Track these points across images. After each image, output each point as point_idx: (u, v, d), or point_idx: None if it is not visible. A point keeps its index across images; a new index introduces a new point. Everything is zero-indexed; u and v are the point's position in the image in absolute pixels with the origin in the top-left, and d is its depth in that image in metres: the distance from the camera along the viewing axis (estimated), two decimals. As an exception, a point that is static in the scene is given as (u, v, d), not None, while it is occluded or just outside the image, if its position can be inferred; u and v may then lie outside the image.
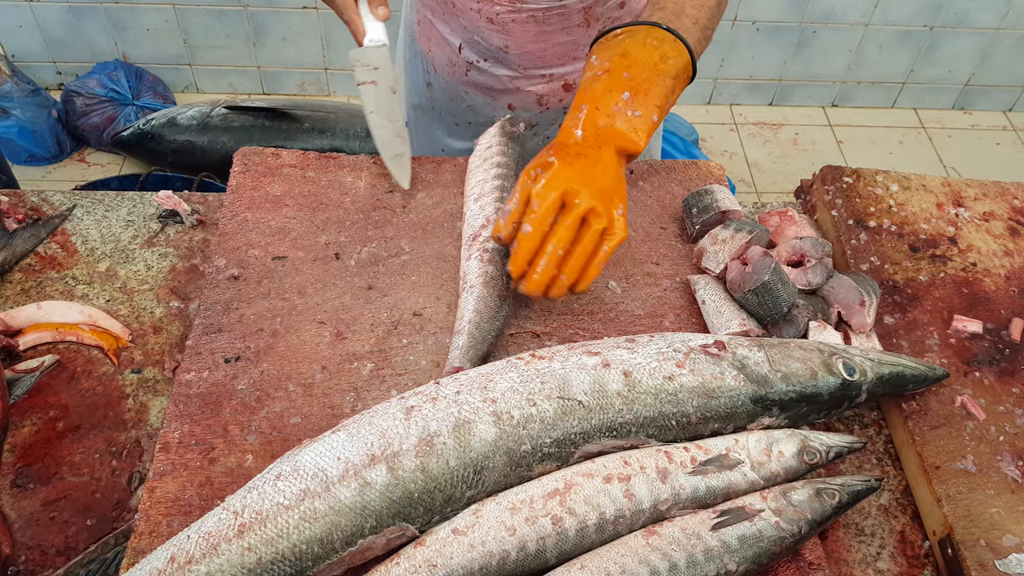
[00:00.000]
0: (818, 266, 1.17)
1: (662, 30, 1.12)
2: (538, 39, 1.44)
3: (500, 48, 1.46)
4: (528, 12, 1.40)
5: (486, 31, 1.45)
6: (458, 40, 1.49)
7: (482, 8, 1.41)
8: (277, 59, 3.34)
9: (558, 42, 1.44)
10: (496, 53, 1.48)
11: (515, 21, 1.42)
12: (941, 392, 1.11)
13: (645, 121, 1.08)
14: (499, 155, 1.25)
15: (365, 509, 0.85)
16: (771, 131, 3.52)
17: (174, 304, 1.23)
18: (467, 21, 1.45)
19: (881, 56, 3.46)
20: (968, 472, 1.03)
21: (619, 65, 1.10)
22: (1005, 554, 0.96)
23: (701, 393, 0.96)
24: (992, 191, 1.40)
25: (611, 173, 1.06)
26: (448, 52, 1.53)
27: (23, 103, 3.01)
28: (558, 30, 1.42)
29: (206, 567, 0.82)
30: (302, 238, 1.23)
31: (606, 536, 0.88)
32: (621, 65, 1.10)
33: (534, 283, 1.03)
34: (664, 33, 1.12)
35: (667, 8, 1.16)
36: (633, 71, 1.09)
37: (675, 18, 1.15)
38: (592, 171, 1.05)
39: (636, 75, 1.09)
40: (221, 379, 1.06)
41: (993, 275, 1.27)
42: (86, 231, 1.31)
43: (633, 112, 1.07)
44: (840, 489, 0.93)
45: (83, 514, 1.01)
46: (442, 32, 1.51)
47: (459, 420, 0.90)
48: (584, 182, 1.03)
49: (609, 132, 1.07)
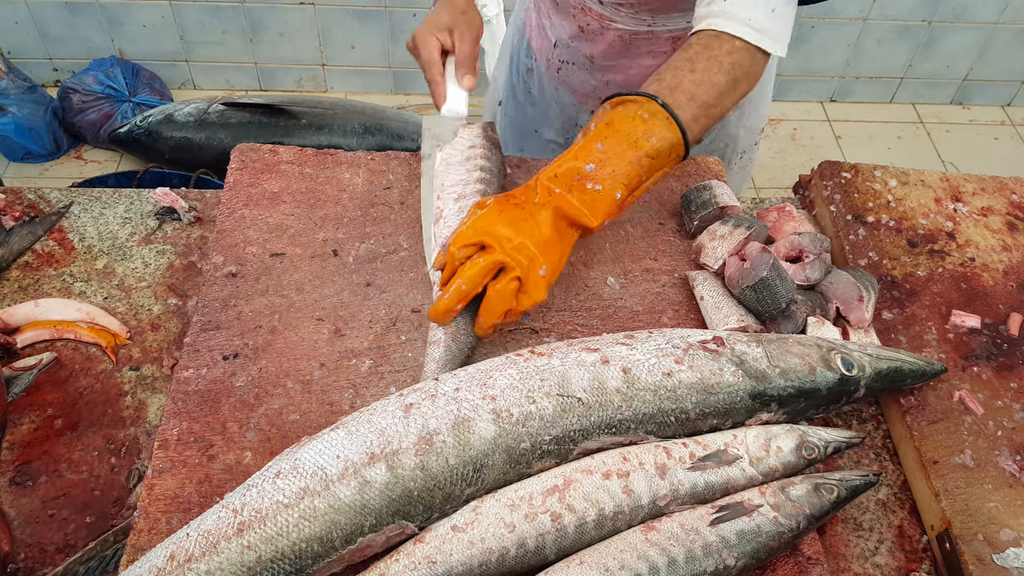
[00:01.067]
0: (816, 262, 1.17)
1: (656, 104, 1.07)
2: (623, 57, 1.44)
3: (587, 57, 1.48)
4: (615, 31, 1.41)
5: (578, 38, 1.47)
6: (554, 37, 1.51)
7: (577, 15, 1.42)
8: (274, 55, 3.33)
9: (644, 65, 1.44)
10: (583, 61, 1.49)
11: (603, 36, 1.43)
12: (939, 387, 1.11)
13: (603, 197, 1.05)
14: (483, 159, 1.22)
15: (365, 507, 0.85)
16: (769, 126, 3.52)
17: (172, 301, 1.23)
18: (565, 22, 1.47)
19: (879, 51, 3.45)
20: (966, 467, 1.04)
21: (598, 135, 1.07)
22: (1003, 548, 0.96)
23: (700, 389, 0.96)
24: (990, 186, 1.40)
25: (542, 232, 1.03)
26: (546, 46, 1.54)
27: (19, 100, 3.00)
28: (644, 53, 1.43)
29: (206, 565, 0.82)
30: (300, 235, 1.23)
31: (605, 532, 0.88)
32: (600, 135, 1.07)
33: (433, 310, 1.04)
34: (657, 108, 1.07)
35: (664, 80, 1.10)
36: (608, 143, 1.06)
37: (669, 92, 1.09)
38: (522, 225, 1.03)
39: (609, 148, 1.06)
40: (219, 376, 1.06)
41: (991, 270, 1.27)
42: (83, 228, 1.31)
43: (593, 186, 1.05)
44: (838, 484, 0.93)
45: (82, 511, 1.01)
46: (544, 25, 1.53)
47: (458, 418, 0.90)
48: (507, 232, 1.02)
49: (559, 199, 1.05)
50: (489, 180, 1.21)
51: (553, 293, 1.19)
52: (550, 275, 1.05)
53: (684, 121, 1.07)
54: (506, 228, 1.03)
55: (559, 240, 1.06)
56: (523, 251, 1.02)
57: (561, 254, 1.07)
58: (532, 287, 1.03)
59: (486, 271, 1.02)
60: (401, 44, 3.16)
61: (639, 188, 1.09)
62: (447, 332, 1.06)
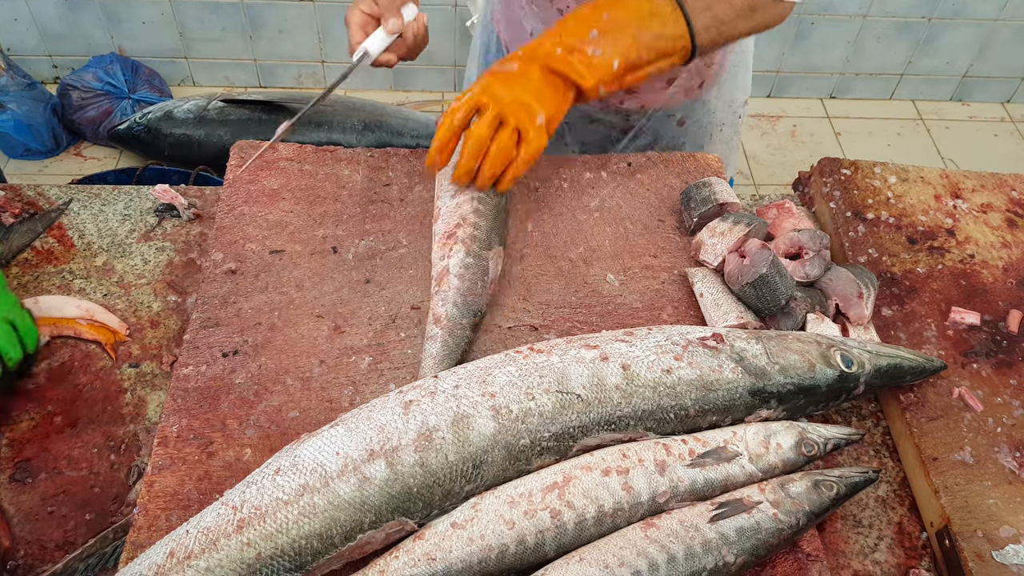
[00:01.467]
0: (816, 258, 1.17)
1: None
2: None
3: None
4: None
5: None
6: (530, 27, 1.50)
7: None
8: (274, 52, 3.33)
9: None
10: None
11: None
12: (939, 384, 1.11)
13: (603, 62, 1.08)
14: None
15: (364, 504, 0.85)
16: (769, 123, 3.52)
17: (171, 298, 1.23)
18: (541, 10, 1.46)
19: (879, 47, 3.45)
20: (965, 463, 1.04)
21: (605, 4, 1.10)
22: (1002, 545, 0.96)
23: (699, 386, 0.96)
24: (990, 183, 1.40)
25: (535, 85, 1.09)
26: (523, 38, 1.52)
27: (19, 97, 2.99)
28: None
29: (205, 562, 0.82)
30: (299, 232, 1.23)
31: (605, 529, 0.88)
32: (608, 4, 1.10)
33: (456, 171, 1.12)
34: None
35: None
36: (614, 14, 1.10)
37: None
38: (515, 81, 1.09)
39: (615, 18, 1.09)
40: (219, 373, 1.06)
41: (991, 267, 1.27)
42: (83, 225, 1.31)
43: (593, 50, 1.08)
44: (838, 481, 0.93)
45: (82, 508, 1.01)
46: (517, 17, 1.52)
47: (458, 414, 0.90)
48: (502, 91, 1.08)
49: (548, 57, 1.09)
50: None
51: (552, 290, 1.19)
52: (548, 123, 1.09)
53: (697, 24, 1.12)
54: (500, 87, 1.09)
55: (554, 92, 1.10)
56: (518, 102, 1.08)
57: (558, 106, 1.11)
58: (533, 136, 1.09)
59: (488, 125, 1.08)
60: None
61: (639, 68, 1.12)
62: (444, 327, 1.07)
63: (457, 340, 1.06)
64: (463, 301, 1.08)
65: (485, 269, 1.12)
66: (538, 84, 1.09)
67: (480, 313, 1.11)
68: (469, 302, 1.08)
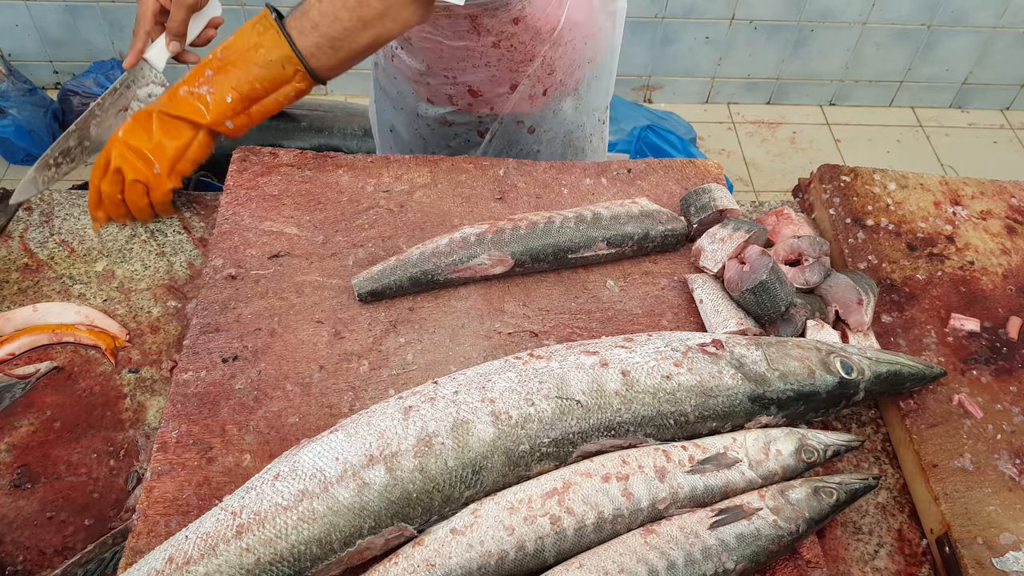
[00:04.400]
0: (816, 265, 1.17)
1: (271, 19, 1.18)
2: (433, 37, 1.44)
3: (406, 40, 1.49)
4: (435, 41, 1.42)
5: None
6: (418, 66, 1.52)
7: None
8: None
9: (451, 46, 1.44)
10: (405, 44, 1.50)
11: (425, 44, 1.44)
12: (939, 390, 1.11)
13: (217, 99, 1.19)
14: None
15: (363, 510, 0.85)
16: (769, 130, 3.53)
17: (171, 304, 1.23)
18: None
19: (879, 55, 3.46)
20: (965, 470, 1.04)
21: (223, 44, 1.21)
22: (1002, 552, 0.96)
23: (699, 392, 0.96)
24: (990, 189, 1.40)
25: (152, 135, 1.20)
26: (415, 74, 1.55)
27: (20, 102, 3.00)
28: (450, 34, 1.42)
29: (204, 568, 0.82)
30: (299, 237, 1.23)
31: (604, 535, 0.88)
32: (223, 44, 1.21)
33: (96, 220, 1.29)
34: (271, 23, 1.18)
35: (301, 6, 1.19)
36: (226, 52, 1.20)
37: (298, 16, 1.18)
38: (140, 135, 1.20)
39: (226, 56, 1.20)
40: (219, 379, 1.06)
41: (991, 273, 1.27)
42: (83, 231, 1.31)
43: (208, 89, 1.19)
44: (838, 487, 0.93)
45: (81, 514, 1.01)
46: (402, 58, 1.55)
47: (457, 420, 0.90)
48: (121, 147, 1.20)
49: (178, 102, 1.20)
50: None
51: (552, 296, 1.19)
52: (173, 166, 1.21)
53: (304, 46, 1.18)
54: (120, 143, 1.20)
55: (177, 135, 1.21)
56: (135, 156, 1.20)
57: (183, 148, 1.22)
58: (155, 184, 1.22)
59: (110, 183, 1.22)
60: (401, 47, 3.16)
61: (259, 98, 1.21)
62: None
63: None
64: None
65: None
66: (157, 132, 1.20)
67: None
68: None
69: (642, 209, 1.24)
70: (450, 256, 1.15)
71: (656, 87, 3.54)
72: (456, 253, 1.15)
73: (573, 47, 1.46)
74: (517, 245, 1.16)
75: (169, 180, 1.22)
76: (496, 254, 1.15)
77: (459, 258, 1.15)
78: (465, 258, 1.15)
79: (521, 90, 1.48)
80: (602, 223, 1.20)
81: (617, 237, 1.20)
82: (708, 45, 3.38)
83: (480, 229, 1.17)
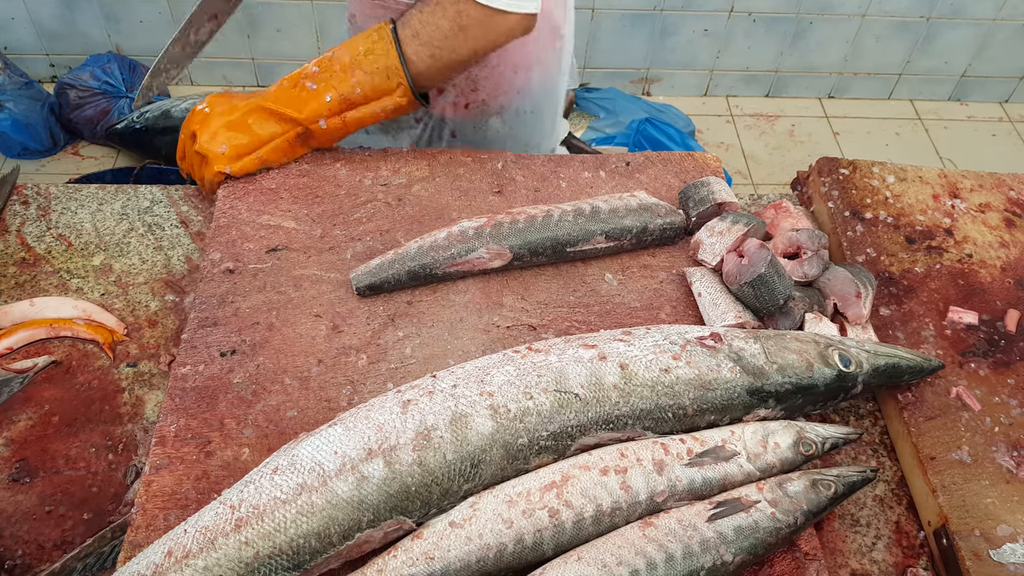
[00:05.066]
0: (814, 258, 1.17)
1: (388, 29, 1.19)
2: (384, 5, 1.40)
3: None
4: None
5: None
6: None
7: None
8: (271, 51, 3.32)
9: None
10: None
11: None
12: (936, 383, 1.12)
13: (316, 95, 1.21)
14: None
15: (362, 503, 0.85)
16: (767, 123, 3.52)
17: (169, 298, 1.22)
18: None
19: (877, 47, 3.45)
20: (963, 463, 1.04)
21: (335, 48, 1.22)
22: (999, 544, 0.97)
23: (697, 385, 0.96)
24: (988, 182, 1.40)
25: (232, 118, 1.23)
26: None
27: (16, 96, 2.99)
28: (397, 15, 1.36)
29: (203, 561, 0.82)
30: (297, 231, 1.23)
31: (603, 528, 0.88)
32: (336, 48, 1.22)
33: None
34: (387, 32, 1.19)
35: (404, 16, 1.21)
36: (337, 52, 1.22)
37: (401, 25, 1.20)
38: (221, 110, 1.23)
39: (337, 55, 1.22)
40: (217, 373, 1.06)
41: (989, 266, 1.27)
42: (80, 225, 1.30)
43: (311, 84, 1.21)
44: (836, 480, 0.93)
45: (80, 508, 1.01)
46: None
47: (456, 414, 0.90)
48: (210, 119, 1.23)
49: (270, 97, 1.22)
50: None
51: (550, 289, 1.19)
52: (234, 153, 1.24)
53: (406, 53, 1.19)
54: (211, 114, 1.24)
55: (256, 129, 1.24)
56: (207, 130, 1.23)
57: (267, 139, 1.25)
58: (211, 159, 1.24)
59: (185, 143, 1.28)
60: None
61: (357, 104, 1.22)
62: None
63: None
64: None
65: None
66: (238, 117, 1.23)
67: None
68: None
69: (640, 202, 1.23)
70: (448, 250, 1.15)
71: (654, 80, 3.53)
72: (454, 247, 1.15)
73: (500, 72, 1.45)
74: (515, 239, 1.16)
75: (227, 164, 1.24)
76: (494, 248, 1.15)
77: (457, 252, 1.15)
78: (463, 252, 1.15)
79: (447, 95, 1.47)
80: (600, 216, 1.19)
81: (615, 230, 1.19)
82: (707, 38, 3.37)
83: (478, 223, 1.17)
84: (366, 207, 1.27)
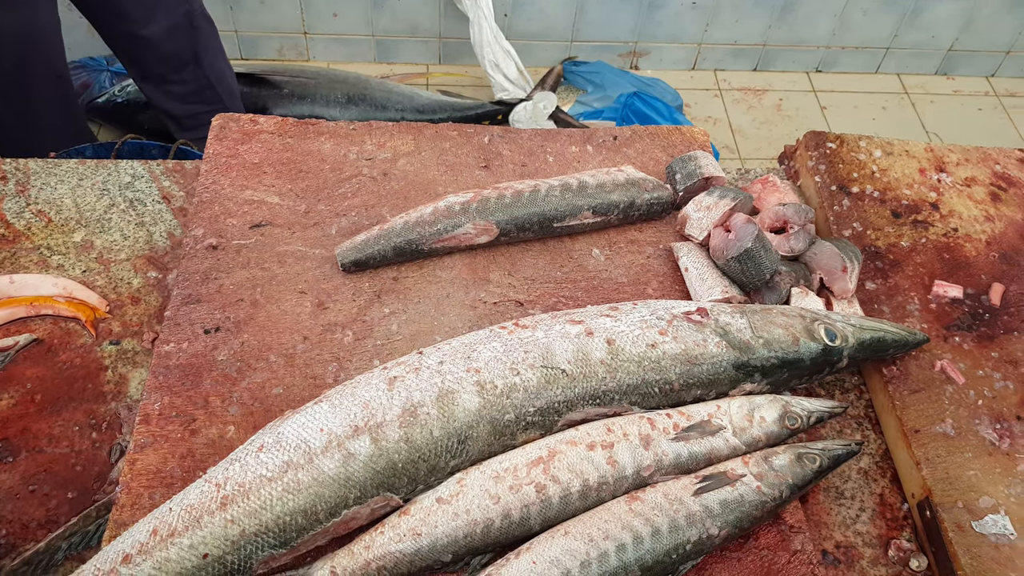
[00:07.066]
0: (801, 232, 1.17)
1: None
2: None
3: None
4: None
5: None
6: None
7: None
8: (255, 23, 3.27)
9: None
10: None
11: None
12: (921, 357, 1.12)
13: None
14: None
15: (349, 480, 0.85)
16: (755, 97, 3.51)
17: (152, 274, 1.21)
18: None
19: (865, 21, 3.43)
20: (947, 435, 1.05)
21: None
22: (981, 515, 0.98)
23: (684, 360, 0.96)
24: (974, 156, 1.40)
25: None
26: None
27: None
28: None
29: (189, 539, 0.82)
30: (281, 206, 1.21)
31: (590, 503, 0.88)
32: None
33: None
34: None
35: None
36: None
37: None
38: None
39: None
40: (201, 350, 1.05)
41: (974, 240, 1.27)
42: (60, 200, 1.28)
43: None
44: (821, 453, 0.94)
45: (64, 487, 1.00)
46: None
47: (442, 390, 0.89)
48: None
49: None
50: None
51: (537, 265, 1.18)
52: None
53: None
54: None
55: None
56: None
57: None
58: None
59: None
60: (385, 12, 3.10)
61: None
62: None
63: None
64: None
65: None
66: None
67: None
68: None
69: (628, 177, 1.23)
70: (434, 225, 1.14)
71: (642, 54, 3.51)
72: (440, 222, 1.14)
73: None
74: (502, 214, 1.15)
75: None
76: (481, 223, 1.14)
77: (443, 227, 1.14)
78: (450, 227, 1.14)
79: None
80: (588, 191, 1.19)
81: (603, 205, 1.19)
82: (695, 11, 3.35)
83: (465, 198, 1.16)
84: (351, 182, 1.26)
